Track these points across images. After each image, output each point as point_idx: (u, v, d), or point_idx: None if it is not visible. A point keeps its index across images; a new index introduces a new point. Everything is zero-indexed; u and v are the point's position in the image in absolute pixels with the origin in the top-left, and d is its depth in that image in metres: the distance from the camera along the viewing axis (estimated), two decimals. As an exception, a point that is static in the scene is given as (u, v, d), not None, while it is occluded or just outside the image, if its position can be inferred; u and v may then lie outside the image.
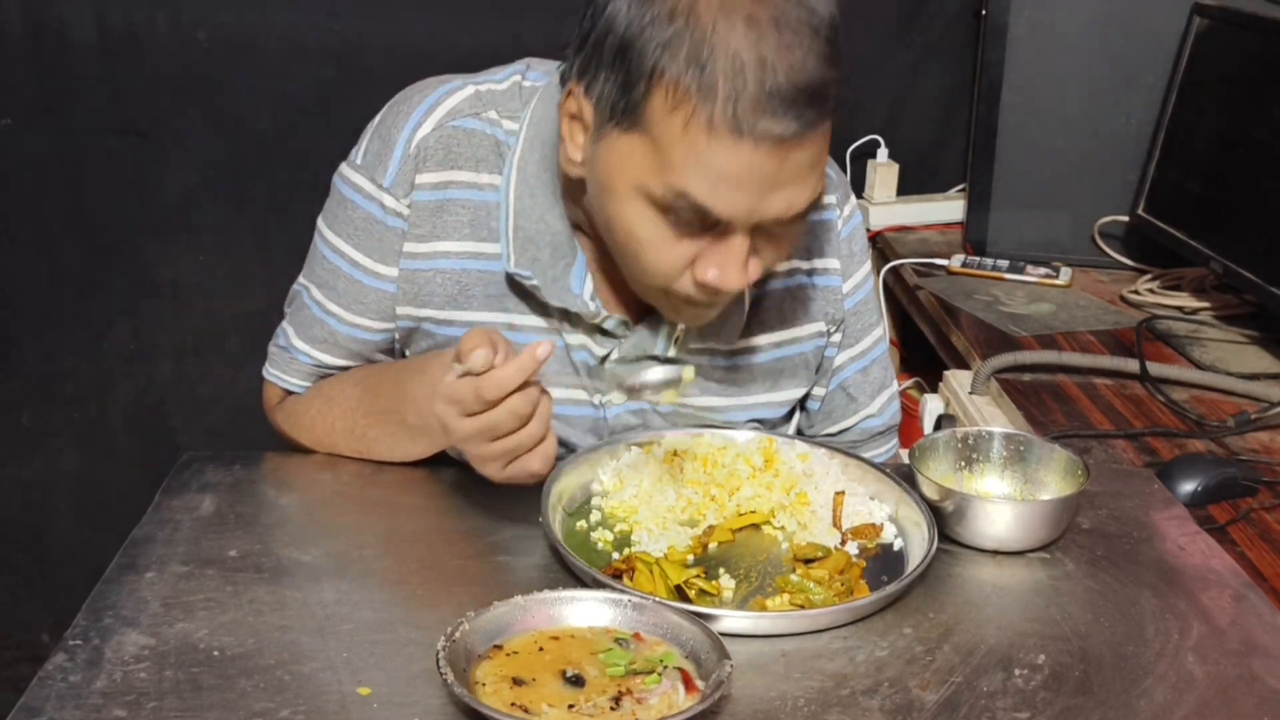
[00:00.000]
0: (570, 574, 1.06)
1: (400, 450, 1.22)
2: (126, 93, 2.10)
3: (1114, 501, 1.23)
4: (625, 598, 0.98)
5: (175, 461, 1.23)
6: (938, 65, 2.41)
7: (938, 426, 1.73)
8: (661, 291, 1.14)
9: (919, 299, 2.13)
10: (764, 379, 1.32)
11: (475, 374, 1.00)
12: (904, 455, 1.43)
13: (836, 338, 1.35)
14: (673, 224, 1.07)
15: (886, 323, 2.16)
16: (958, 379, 1.81)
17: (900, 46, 2.39)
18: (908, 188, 2.44)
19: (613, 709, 0.88)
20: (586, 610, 0.97)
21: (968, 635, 1.01)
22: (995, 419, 1.67)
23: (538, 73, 1.24)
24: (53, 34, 2.05)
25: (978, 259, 2.22)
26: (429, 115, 1.21)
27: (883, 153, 2.41)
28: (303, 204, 1.46)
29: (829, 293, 1.33)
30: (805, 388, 1.36)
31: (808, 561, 1.10)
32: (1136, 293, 2.09)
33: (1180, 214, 2.06)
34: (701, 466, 1.21)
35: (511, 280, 1.23)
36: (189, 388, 2.27)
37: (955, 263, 2.20)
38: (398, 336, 1.28)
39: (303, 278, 1.30)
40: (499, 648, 0.93)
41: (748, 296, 1.27)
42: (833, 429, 1.41)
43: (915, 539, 1.13)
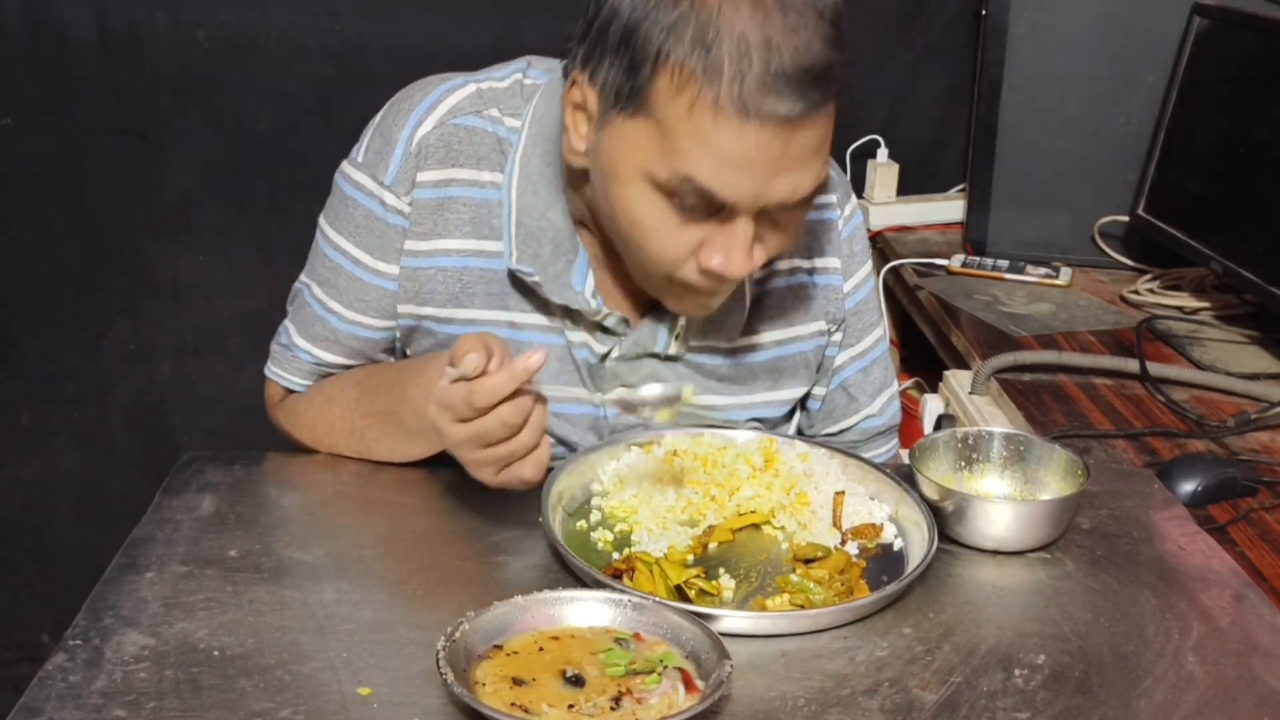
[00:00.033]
0: (570, 574, 1.06)
1: (399, 451, 1.22)
2: (126, 93, 2.10)
3: (1114, 501, 1.23)
4: (625, 598, 0.98)
5: (175, 461, 1.23)
6: (938, 65, 2.41)
7: (938, 426, 1.73)
8: (665, 280, 1.14)
9: (919, 299, 2.13)
10: (765, 378, 1.32)
11: (468, 379, 1.00)
12: (904, 455, 1.43)
13: (837, 337, 1.35)
14: (677, 209, 1.07)
15: (887, 323, 2.16)
16: (958, 379, 1.81)
17: (900, 46, 2.39)
18: (908, 188, 2.44)
19: (613, 709, 0.88)
20: (586, 610, 0.97)
21: (968, 635, 1.01)
22: (995, 419, 1.67)
23: (539, 71, 1.24)
24: (53, 34, 2.05)
25: (978, 259, 2.22)
26: (430, 113, 1.21)
27: (883, 153, 2.41)
28: (303, 204, 1.46)
29: (830, 292, 1.33)
30: (806, 387, 1.36)
31: (808, 561, 1.10)
32: (1136, 293, 2.09)
33: (1180, 214, 2.06)
34: (701, 467, 1.21)
35: (513, 278, 1.23)
36: (189, 388, 2.27)
37: (955, 263, 2.20)
38: (399, 335, 1.28)
39: (304, 275, 1.30)
40: (499, 648, 0.93)
41: (749, 293, 1.27)
42: (833, 429, 1.41)
43: (915, 539, 1.13)
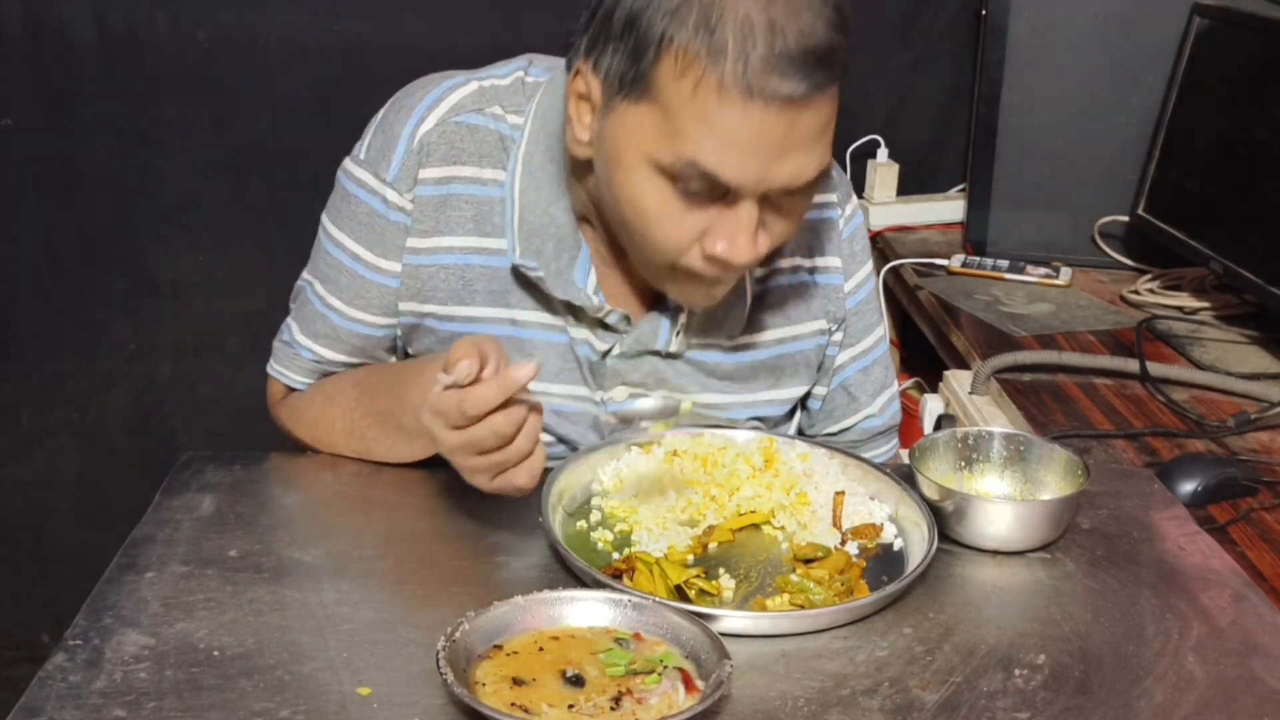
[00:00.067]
0: (570, 574, 1.06)
1: (398, 452, 1.22)
2: (126, 93, 2.10)
3: (1114, 501, 1.23)
4: (625, 598, 0.98)
5: (175, 461, 1.23)
6: (938, 65, 2.41)
7: (938, 426, 1.73)
8: (668, 269, 1.13)
9: (919, 299, 2.13)
10: (766, 376, 1.32)
11: (461, 386, 1.00)
12: (904, 455, 1.43)
13: (838, 336, 1.35)
14: (681, 195, 1.06)
15: (887, 323, 2.16)
16: (958, 379, 1.81)
17: (900, 46, 2.39)
18: (908, 188, 2.44)
19: (613, 709, 0.88)
20: (586, 610, 0.97)
21: (968, 635, 1.01)
22: (995, 419, 1.67)
23: (540, 69, 1.24)
24: (53, 34, 2.05)
25: (978, 259, 2.22)
26: (432, 110, 1.21)
27: (883, 153, 2.41)
28: (303, 204, 1.47)
29: (830, 290, 1.33)
30: (806, 386, 1.36)
31: (808, 561, 1.10)
32: (1136, 293, 2.09)
33: (1180, 214, 2.06)
34: (701, 467, 1.21)
35: (515, 275, 1.23)
36: (189, 388, 2.27)
37: (955, 263, 2.20)
38: (400, 333, 1.28)
39: (306, 273, 1.31)
40: (499, 648, 0.93)
41: (750, 290, 1.27)
42: (833, 428, 1.41)
43: (915, 539, 1.13)
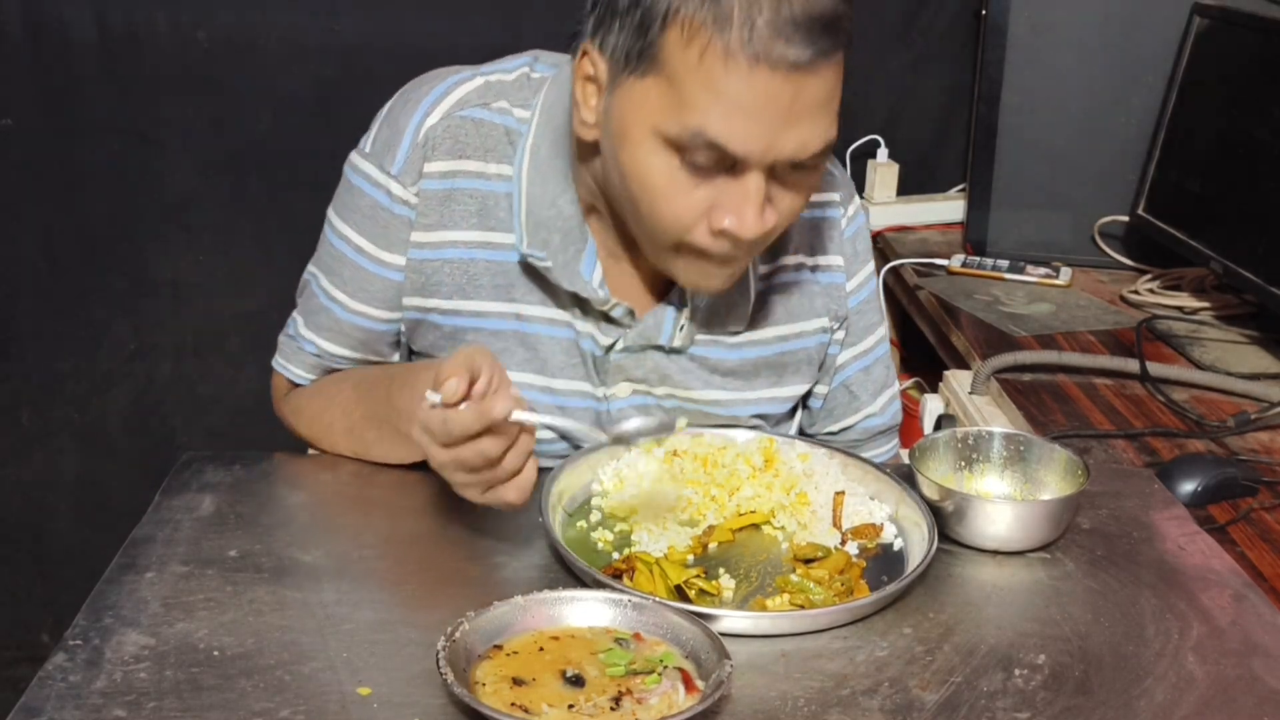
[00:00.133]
0: (570, 574, 1.06)
1: (396, 453, 1.22)
2: (126, 93, 2.10)
3: (1114, 501, 1.23)
4: (625, 598, 0.98)
5: (175, 461, 1.23)
6: (938, 65, 2.41)
7: (938, 426, 1.73)
8: (675, 249, 1.13)
9: (919, 299, 2.13)
10: (768, 373, 1.32)
11: (449, 405, 1.00)
12: (904, 455, 1.43)
13: (839, 335, 1.35)
14: (688, 168, 1.06)
15: (887, 322, 2.16)
16: (958, 379, 1.81)
17: (900, 46, 2.39)
18: (908, 188, 2.44)
19: (613, 709, 0.88)
20: (586, 610, 0.97)
21: (968, 635, 1.01)
22: (995, 419, 1.67)
23: (545, 65, 1.25)
24: (53, 34, 2.05)
25: (978, 259, 2.22)
26: (437, 105, 1.21)
27: (883, 153, 2.41)
28: (303, 204, 1.47)
29: (832, 289, 1.33)
30: (808, 384, 1.36)
31: (808, 561, 1.10)
32: (1136, 293, 2.09)
33: (1180, 214, 2.06)
34: (701, 467, 1.21)
35: (519, 270, 1.23)
36: (189, 388, 2.27)
37: (955, 263, 2.20)
38: (404, 328, 1.28)
39: (311, 265, 1.31)
40: (499, 648, 0.93)
41: (753, 285, 1.27)
42: (834, 427, 1.41)
43: (915, 539, 1.13)
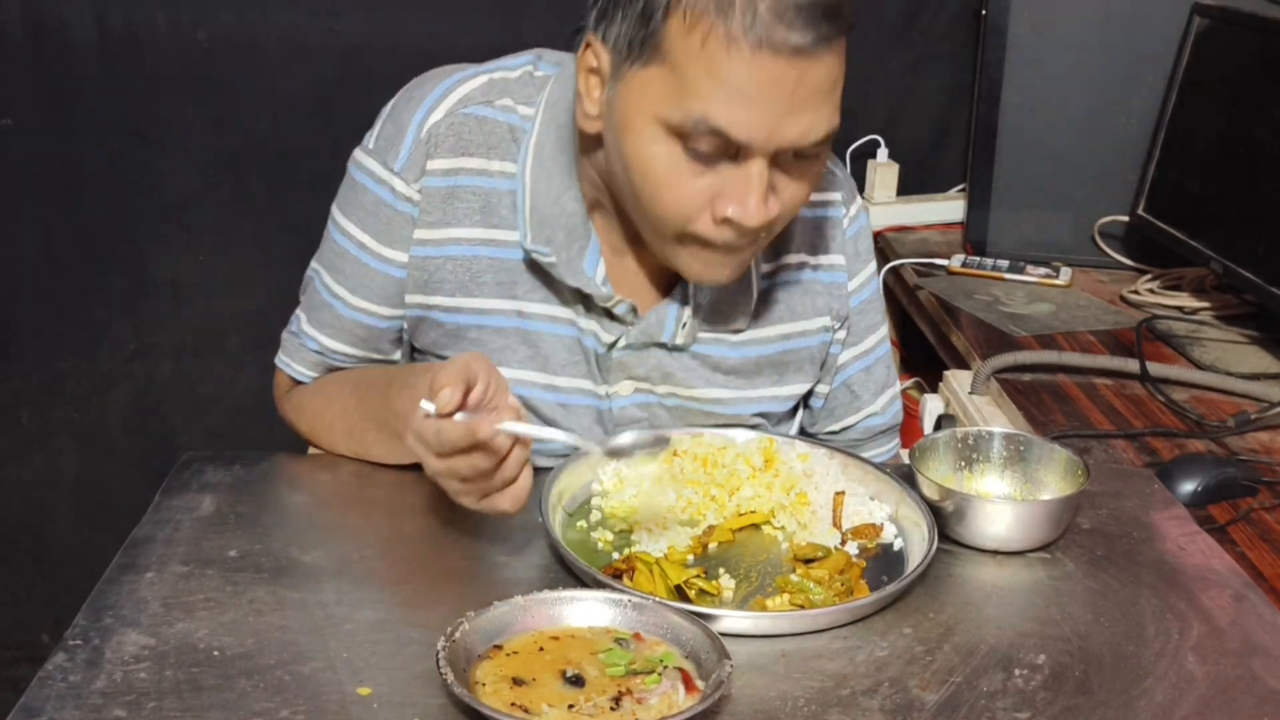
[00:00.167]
0: (570, 574, 1.06)
1: (395, 454, 1.22)
2: (126, 93, 2.10)
3: (1114, 501, 1.23)
4: (625, 598, 0.98)
5: (175, 461, 1.23)
6: (938, 65, 2.41)
7: (938, 426, 1.73)
8: (678, 239, 1.13)
9: (919, 299, 2.13)
10: (770, 372, 1.32)
11: (443, 415, 0.99)
12: (904, 455, 1.43)
13: (841, 334, 1.35)
14: (691, 156, 1.07)
15: (889, 322, 2.16)
16: (958, 379, 1.81)
17: (900, 46, 2.39)
18: (908, 188, 2.44)
19: (613, 709, 0.88)
20: (586, 610, 0.97)
21: (968, 635, 1.01)
22: (995, 419, 1.67)
23: (549, 64, 1.25)
24: (53, 34, 2.05)
25: (978, 259, 2.22)
26: (441, 102, 1.21)
27: (883, 153, 2.41)
28: (303, 204, 1.47)
29: (834, 288, 1.33)
30: (810, 383, 1.36)
31: (808, 561, 1.10)
32: (1136, 293, 2.09)
33: (1180, 214, 2.06)
34: (701, 467, 1.21)
35: (522, 267, 1.23)
36: (189, 388, 2.27)
37: (955, 263, 2.20)
38: (406, 325, 1.28)
39: (314, 262, 1.31)
40: (499, 648, 0.93)
41: (756, 284, 1.27)
42: (835, 426, 1.42)
43: (915, 539, 1.13)
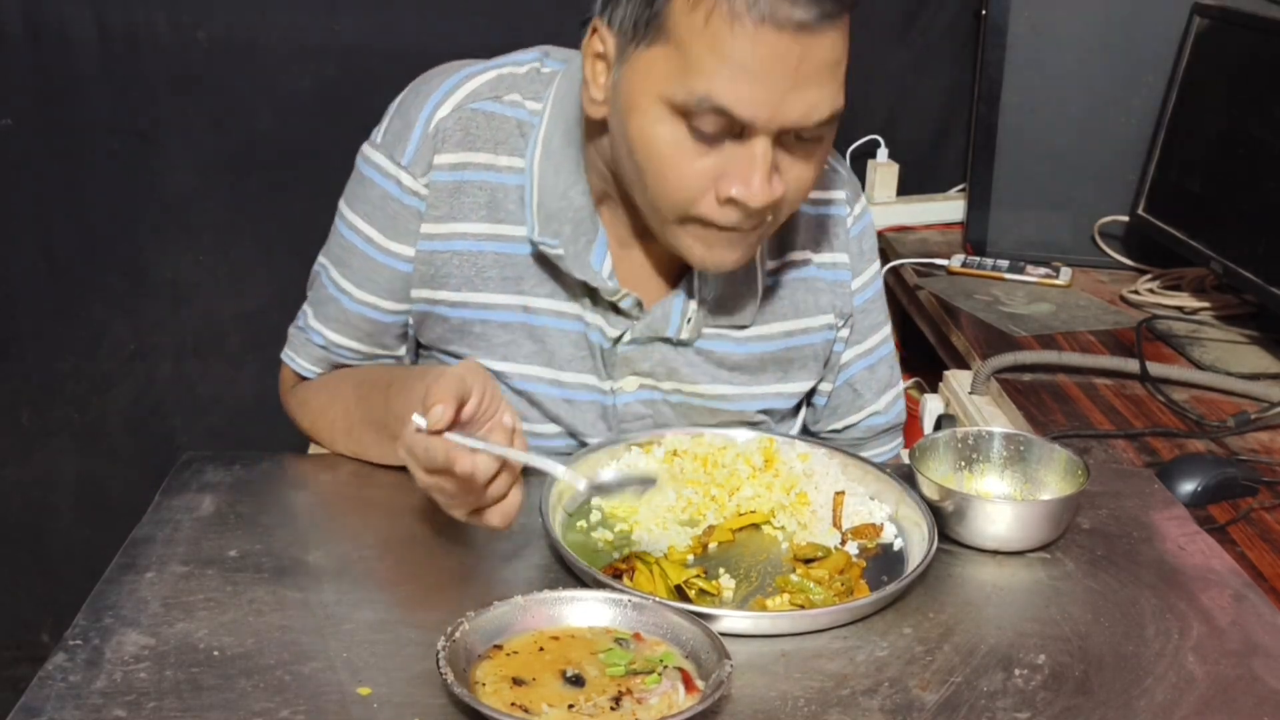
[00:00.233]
0: (570, 574, 1.06)
1: (391, 457, 1.21)
2: (126, 93, 2.10)
3: (1114, 501, 1.23)
4: (625, 598, 0.98)
5: (175, 461, 1.23)
6: (938, 65, 2.41)
7: (938, 426, 1.73)
8: (682, 222, 1.13)
9: (919, 299, 2.13)
10: (774, 368, 1.32)
11: (434, 432, 0.98)
12: (904, 455, 1.43)
13: (844, 333, 1.36)
14: (696, 136, 1.07)
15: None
16: (958, 379, 1.81)
17: (900, 46, 2.39)
18: (908, 188, 2.44)
19: (613, 709, 0.88)
20: (586, 610, 0.97)
21: (968, 635, 1.01)
22: (995, 419, 1.67)
23: (555, 60, 1.25)
24: (53, 34, 2.05)
25: (978, 259, 2.22)
26: (449, 97, 1.22)
27: (883, 153, 2.41)
28: (303, 204, 1.47)
29: (838, 287, 1.34)
30: (814, 380, 1.37)
31: (808, 561, 1.10)
32: (1136, 293, 2.09)
33: (1180, 214, 2.06)
34: (701, 467, 1.21)
35: (528, 262, 1.23)
36: (189, 388, 2.27)
37: (955, 263, 2.20)
38: (411, 320, 1.28)
39: (322, 256, 1.32)
40: (499, 648, 0.93)
41: (761, 281, 1.27)
42: (838, 425, 1.42)
43: (915, 539, 1.13)
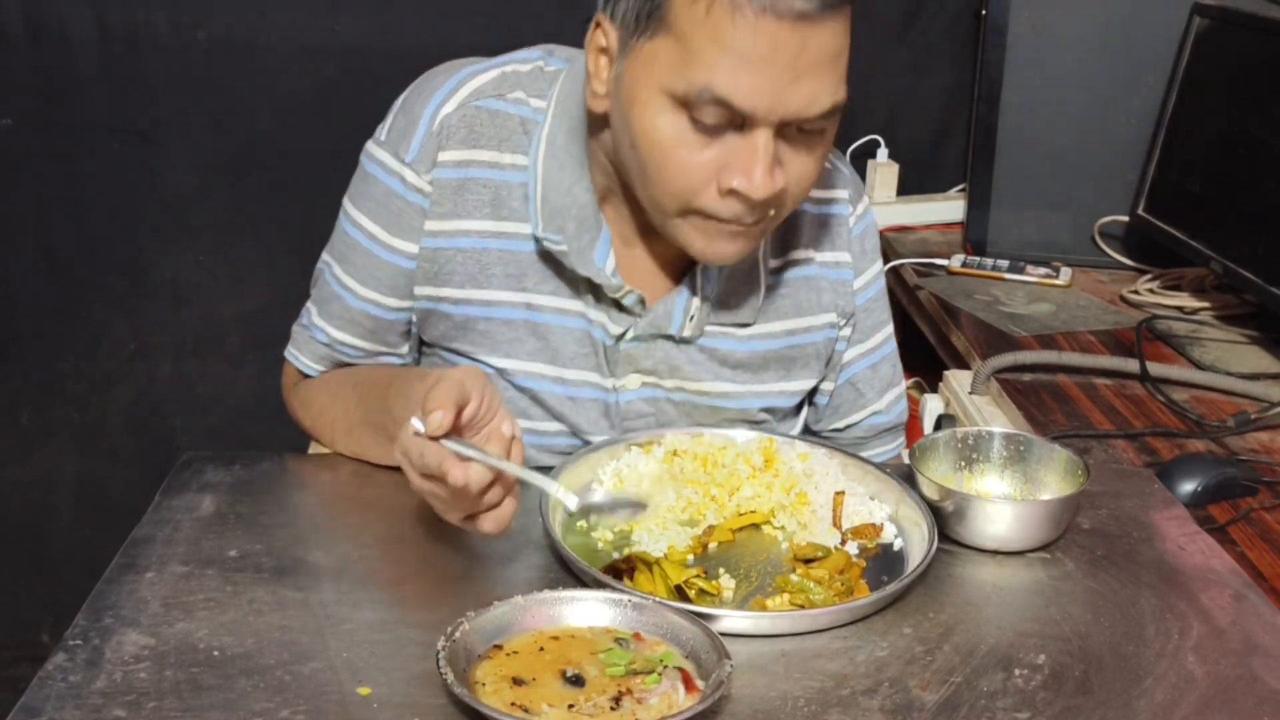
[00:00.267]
0: (570, 574, 1.06)
1: (389, 458, 1.21)
2: (126, 93, 2.10)
3: (1114, 501, 1.23)
4: (625, 598, 0.98)
5: (175, 461, 1.23)
6: (938, 65, 2.41)
7: (938, 426, 1.73)
8: (685, 216, 1.13)
9: (919, 299, 2.13)
10: (777, 366, 1.32)
11: (431, 437, 0.98)
12: (904, 455, 1.43)
13: (846, 331, 1.36)
14: (697, 128, 1.07)
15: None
16: (958, 379, 1.81)
17: (900, 46, 2.39)
18: (908, 188, 2.44)
19: (613, 709, 0.88)
20: (586, 610, 0.97)
21: (968, 635, 1.01)
22: (995, 419, 1.67)
23: (559, 59, 1.26)
24: (53, 34, 2.05)
25: (978, 259, 2.22)
26: (453, 94, 1.22)
27: (883, 153, 2.41)
28: (303, 204, 1.47)
29: (840, 285, 1.34)
30: (816, 379, 1.37)
31: (808, 561, 1.10)
32: (1136, 293, 2.09)
33: (1180, 214, 2.06)
34: (701, 467, 1.21)
35: (532, 259, 1.24)
36: (189, 388, 2.27)
37: (955, 263, 2.20)
38: (415, 318, 1.29)
39: (325, 253, 1.32)
40: (499, 648, 0.93)
41: (764, 277, 1.28)
42: (840, 424, 1.42)
43: (915, 539, 1.13)
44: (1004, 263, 2.20)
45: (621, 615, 0.97)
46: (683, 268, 1.26)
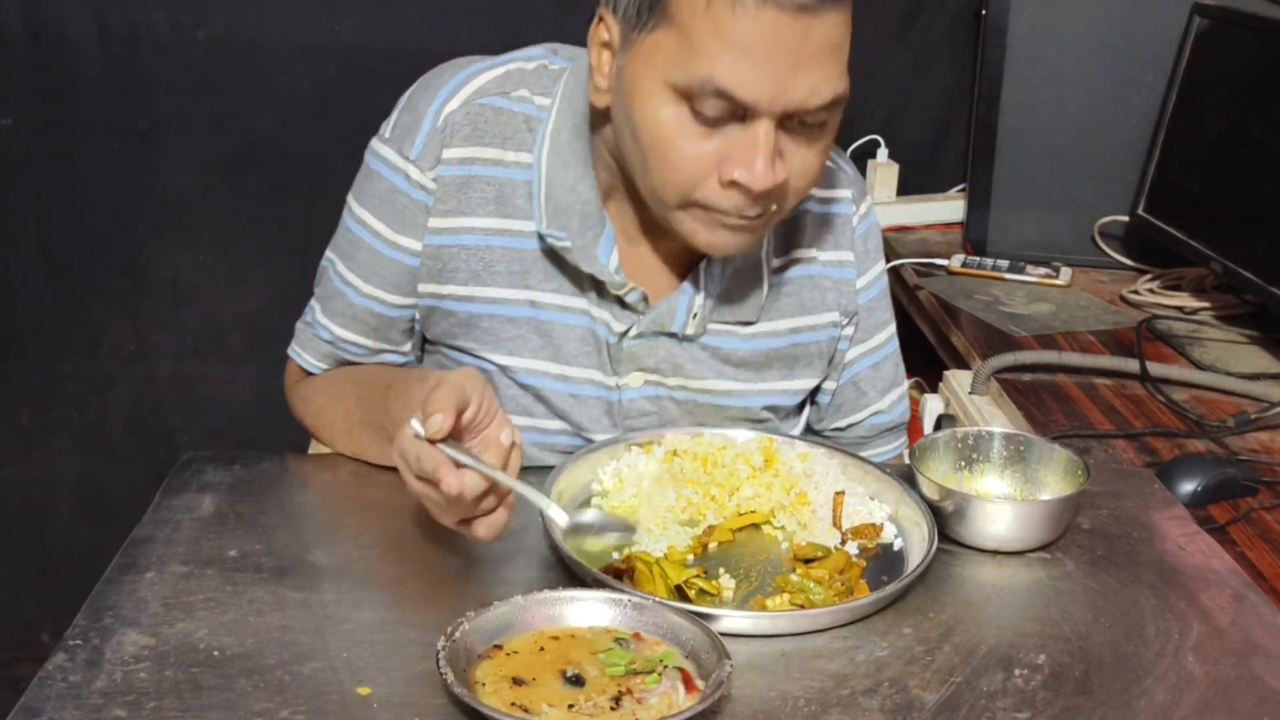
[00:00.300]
0: (570, 574, 1.06)
1: (388, 458, 1.20)
2: (126, 93, 2.10)
3: (1114, 501, 1.23)
4: (625, 598, 0.98)
5: (175, 461, 1.23)
6: (938, 65, 2.41)
7: (938, 426, 1.73)
8: (687, 208, 1.13)
9: (919, 299, 2.13)
10: (779, 365, 1.32)
11: (430, 440, 0.98)
12: (904, 455, 1.43)
13: (849, 331, 1.36)
14: (699, 119, 1.07)
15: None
16: (958, 379, 1.81)
17: (900, 46, 2.39)
18: (908, 188, 2.44)
19: (613, 709, 0.88)
20: (586, 610, 0.97)
21: (968, 635, 1.01)
22: (995, 419, 1.67)
23: (563, 58, 1.26)
24: (53, 34, 2.05)
25: (978, 259, 2.22)
26: (458, 92, 1.22)
27: (883, 153, 2.41)
28: (302, 204, 1.47)
29: (842, 284, 1.34)
30: (818, 378, 1.37)
31: (808, 561, 1.10)
32: (1136, 293, 2.09)
33: (1180, 214, 2.06)
34: (701, 467, 1.21)
35: (536, 257, 1.24)
36: (189, 388, 2.27)
37: (955, 263, 2.20)
38: (418, 315, 1.29)
39: (329, 251, 1.32)
40: (499, 648, 0.93)
41: (766, 276, 1.28)
42: (842, 423, 1.42)
43: (915, 539, 1.13)
44: (1004, 263, 2.20)
45: (621, 615, 0.97)
46: (686, 265, 1.26)
